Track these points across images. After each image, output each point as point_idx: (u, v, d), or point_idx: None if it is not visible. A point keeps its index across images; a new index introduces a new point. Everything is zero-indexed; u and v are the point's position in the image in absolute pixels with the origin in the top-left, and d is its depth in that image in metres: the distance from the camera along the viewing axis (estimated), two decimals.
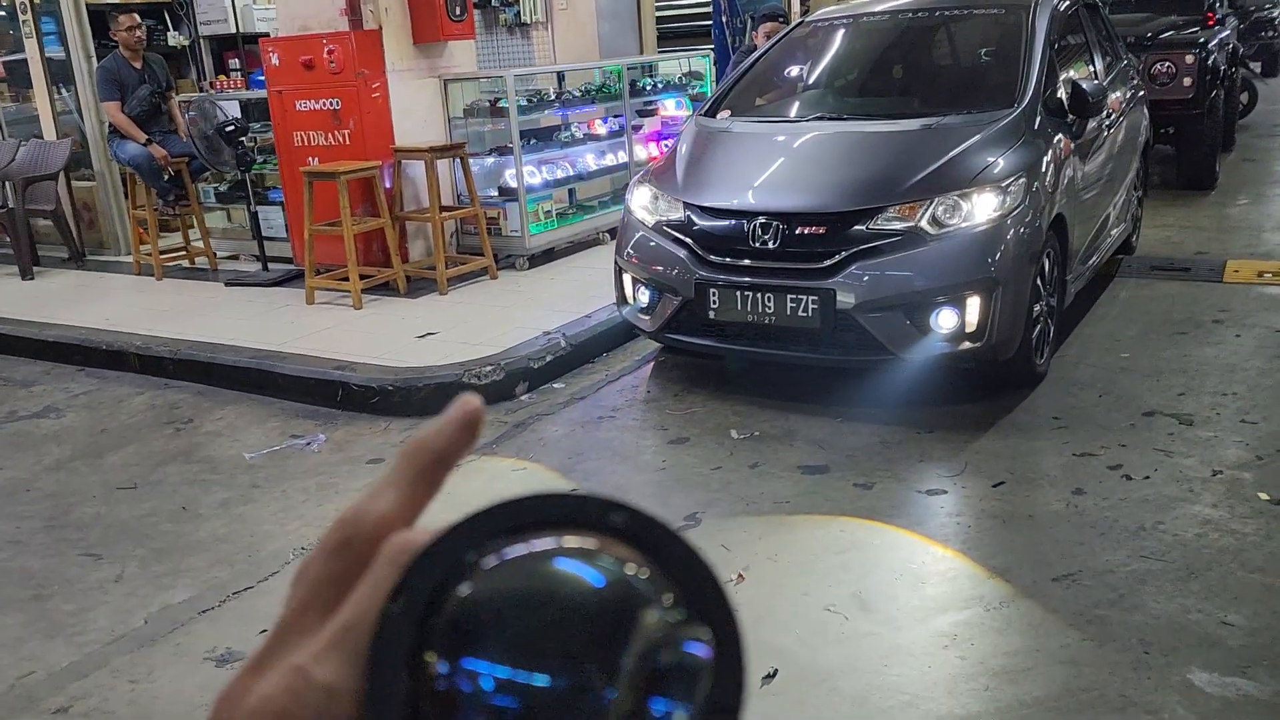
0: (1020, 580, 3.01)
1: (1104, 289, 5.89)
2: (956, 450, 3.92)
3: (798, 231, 4.21)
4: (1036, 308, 4.33)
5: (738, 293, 4.29)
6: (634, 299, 4.78)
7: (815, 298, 4.13)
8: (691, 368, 5.03)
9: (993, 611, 2.87)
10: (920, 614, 2.89)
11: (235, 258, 7.61)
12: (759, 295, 4.24)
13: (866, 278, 4.09)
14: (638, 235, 4.70)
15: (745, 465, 3.90)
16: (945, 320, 4.08)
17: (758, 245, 4.26)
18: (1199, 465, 3.67)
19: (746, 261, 4.29)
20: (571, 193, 7.62)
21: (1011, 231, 4.12)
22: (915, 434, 4.09)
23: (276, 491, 3.98)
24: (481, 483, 3.90)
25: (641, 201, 4.75)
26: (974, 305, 4.06)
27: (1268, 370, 4.55)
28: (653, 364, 5.18)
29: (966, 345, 4.10)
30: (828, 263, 4.13)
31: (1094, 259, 5.34)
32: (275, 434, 4.59)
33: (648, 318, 4.69)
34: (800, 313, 4.18)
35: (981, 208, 4.12)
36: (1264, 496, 3.42)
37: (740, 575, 3.12)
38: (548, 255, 7.07)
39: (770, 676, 2.64)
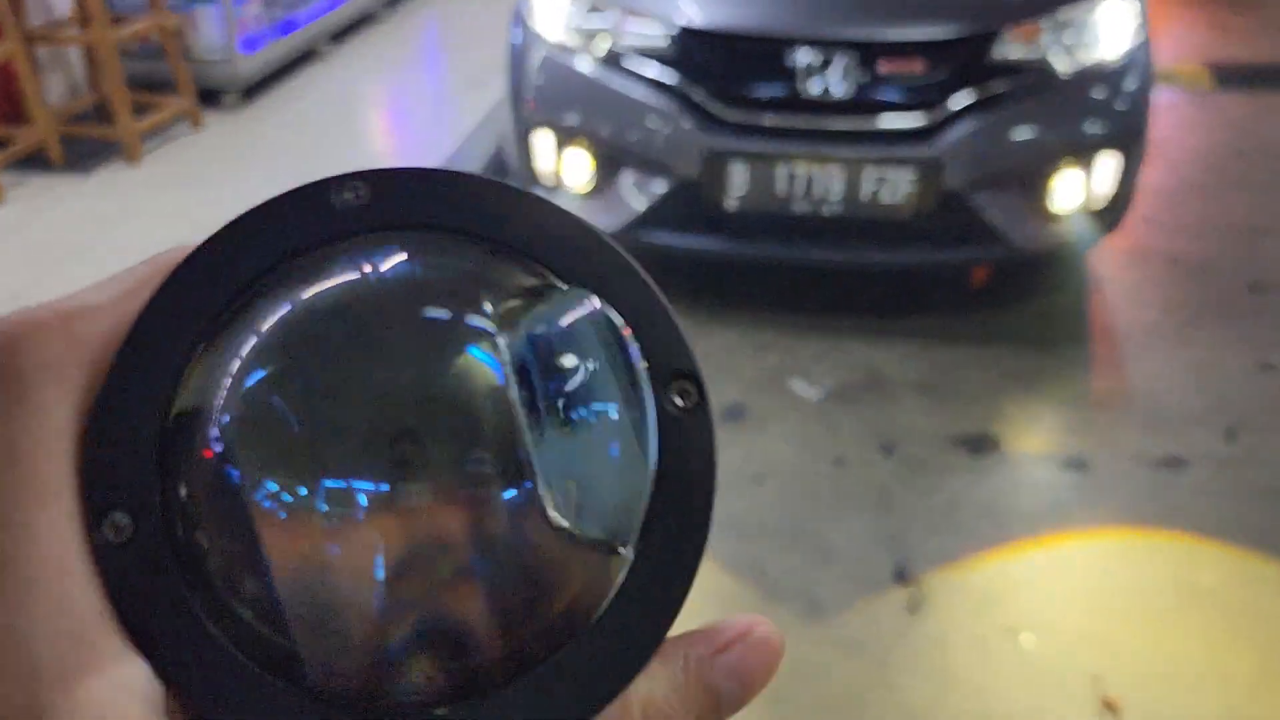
0: None
1: None
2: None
3: (880, 71, 2.71)
4: None
5: (779, 167, 2.75)
6: (561, 173, 3.03)
7: (911, 170, 2.72)
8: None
9: None
10: None
11: None
12: (818, 170, 2.74)
13: (982, 137, 2.74)
14: (561, 69, 2.91)
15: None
16: (1068, 191, 2.88)
17: (815, 94, 2.71)
18: None
19: (794, 120, 2.74)
20: None
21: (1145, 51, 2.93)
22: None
23: None
24: None
25: (561, 12, 2.91)
26: (1107, 166, 2.88)
27: None
28: None
29: (1085, 225, 2.95)
30: (929, 120, 2.71)
31: None
32: None
33: (600, 205, 2.99)
34: (884, 197, 2.75)
35: (1112, 23, 2.87)
36: None
37: None
38: (265, 82, 4.78)
39: None
